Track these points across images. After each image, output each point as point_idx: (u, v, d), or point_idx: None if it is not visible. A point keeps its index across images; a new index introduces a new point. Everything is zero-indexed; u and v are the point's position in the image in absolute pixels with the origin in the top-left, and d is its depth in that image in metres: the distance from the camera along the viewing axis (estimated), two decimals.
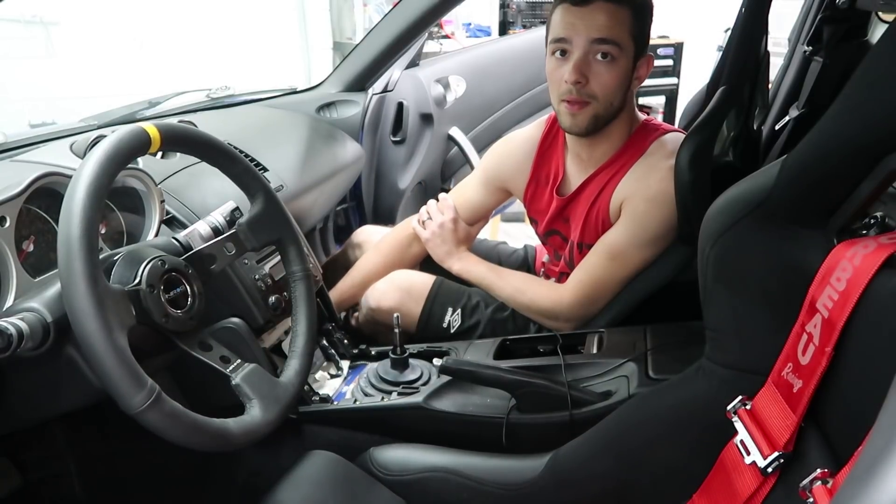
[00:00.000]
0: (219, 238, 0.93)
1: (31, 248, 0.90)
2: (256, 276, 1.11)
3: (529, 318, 1.34)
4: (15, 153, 1.13)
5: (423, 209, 1.50)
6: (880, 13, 1.70)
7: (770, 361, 0.71)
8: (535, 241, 1.69)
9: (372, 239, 1.63)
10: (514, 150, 1.40)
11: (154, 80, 2.42)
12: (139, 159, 0.99)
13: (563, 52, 1.17)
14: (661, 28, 3.83)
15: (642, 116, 1.29)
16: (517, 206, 2.95)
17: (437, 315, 1.36)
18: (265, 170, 1.38)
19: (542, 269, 1.54)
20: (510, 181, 1.42)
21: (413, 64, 2.02)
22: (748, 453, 0.69)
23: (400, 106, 1.97)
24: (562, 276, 1.40)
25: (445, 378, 1.12)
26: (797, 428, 0.65)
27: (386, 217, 2.02)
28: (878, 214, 0.67)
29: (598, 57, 1.14)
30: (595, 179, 1.27)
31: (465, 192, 1.50)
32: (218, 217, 1.03)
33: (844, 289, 0.61)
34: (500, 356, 1.20)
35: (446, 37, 3.76)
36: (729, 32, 1.42)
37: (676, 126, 1.39)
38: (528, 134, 1.40)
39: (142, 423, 0.70)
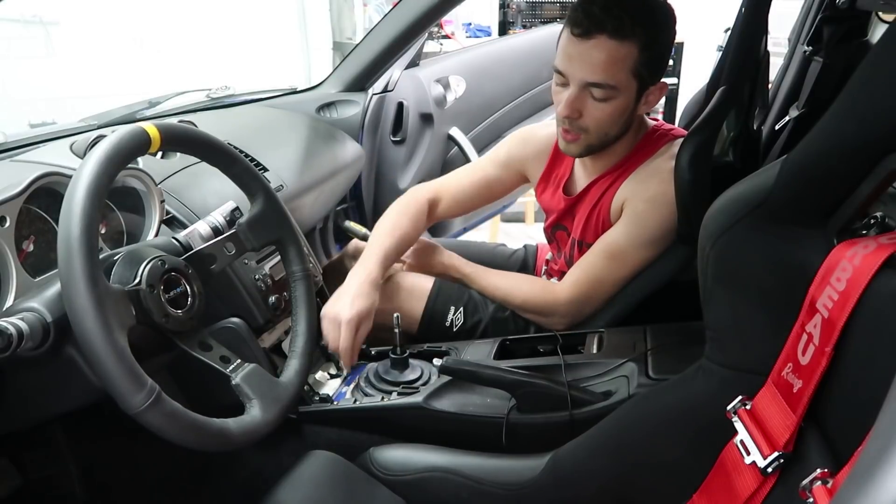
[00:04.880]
0: (219, 238, 0.93)
1: (31, 248, 0.90)
2: (256, 276, 1.11)
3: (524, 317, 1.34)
4: (15, 153, 1.13)
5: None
6: (880, 13, 1.70)
7: (770, 361, 0.71)
8: (534, 241, 1.69)
9: None
10: (538, 141, 1.39)
11: (154, 80, 2.42)
12: (139, 159, 0.99)
13: (561, 83, 1.16)
14: None
15: (651, 122, 1.29)
16: (517, 206, 2.93)
17: (440, 314, 1.36)
18: (265, 170, 1.38)
19: (545, 268, 1.54)
20: (530, 168, 1.42)
21: (413, 64, 2.03)
22: (748, 453, 0.69)
23: (400, 106, 1.97)
24: (563, 275, 1.40)
25: (445, 378, 1.12)
26: (797, 428, 0.65)
27: None
28: (878, 214, 0.67)
29: (594, 94, 1.13)
30: (599, 182, 1.27)
31: (475, 172, 1.44)
32: (218, 217, 1.03)
33: (844, 289, 0.61)
34: (500, 356, 1.20)
35: (446, 37, 3.76)
36: (729, 32, 1.42)
37: (676, 126, 1.39)
38: (548, 131, 1.39)
39: (142, 423, 0.70)
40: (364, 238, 1.61)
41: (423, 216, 1.39)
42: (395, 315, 1.15)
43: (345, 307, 1.15)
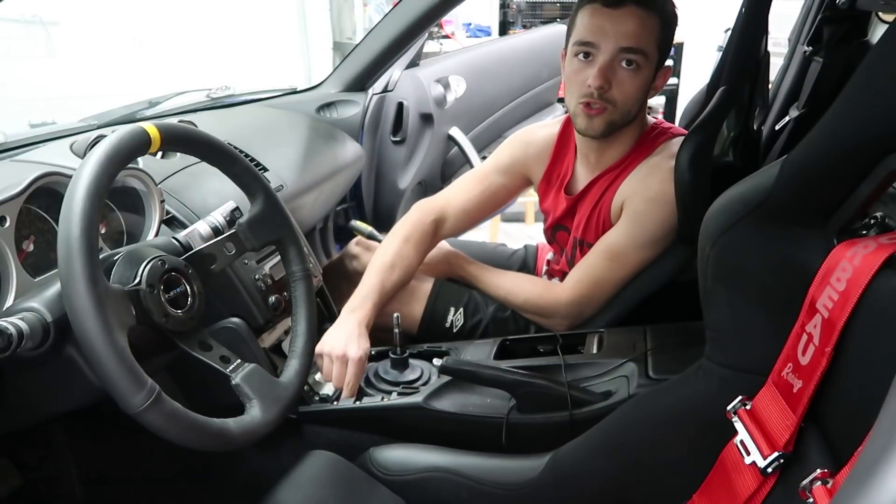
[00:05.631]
0: (219, 238, 0.93)
1: (31, 247, 0.90)
2: (256, 276, 1.11)
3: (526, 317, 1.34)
4: (15, 153, 1.13)
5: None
6: (880, 13, 1.70)
7: (770, 361, 0.71)
8: (534, 241, 1.69)
9: (370, 249, 1.57)
10: (539, 142, 1.38)
11: (154, 80, 2.42)
12: (139, 159, 0.99)
13: (587, 55, 1.16)
14: None
15: (651, 120, 1.29)
16: (517, 206, 2.92)
17: (440, 315, 1.36)
18: (265, 170, 1.38)
19: (546, 268, 1.54)
20: (532, 170, 1.41)
21: (413, 64, 2.03)
22: (748, 453, 0.69)
23: (400, 106, 1.97)
24: (564, 276, 1.40)
25: (445, 378, 1.12)
26: (797, 428, 0.65)
27: (386, 217, 2.02)
28: (878, 214, 0.67)
29: (624, 64, 1.14)
30: (600, 180, 1.27)
31: (480, 183, 1.42)
32: (218, 217, 1.03)
33: (844, 289, 0.61)
34: (500, 356, 1.20)
35: (446, 37, 3.76)
36: (729, 32, 1.42)
37: (676, 125, 1.39)
38: (548, 131, 1.39)
39: (142, 423, 0.70)
40: (370, 237, 1.61)
41: (427, 239, 1.37)
42: (395, 315, 1.15)
43: (352, 346, 1.13)
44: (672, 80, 3.95)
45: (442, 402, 1.09)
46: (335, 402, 1.12)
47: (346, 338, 1.15)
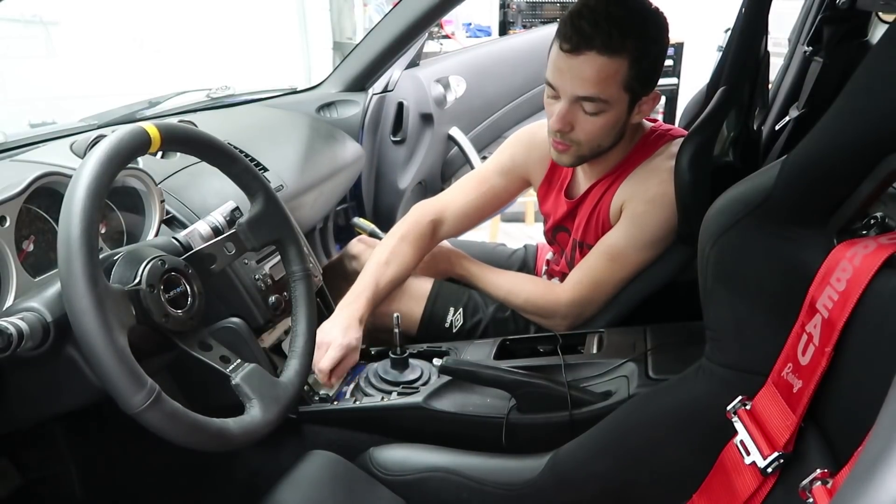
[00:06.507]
0: (219, 238, 0.93)
1: (31, 247, 0.90)
2: (256, 276, 1.11)
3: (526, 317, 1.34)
4: (15, 153, 1.13)
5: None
6: (880, 13, 1.70)
7: (770, 362, 0.71)
8: (534, 241, 1.69)
9: (371, 248, 1.56)
10: (539, 145, 1.37)
11: (154, 80, 2.42)
12: (139, 159, 0.99)
13: (554, 93, 1.15)
14: None
15: (649, 124, 1.28)
16: (517, 206, 2.92)
17: (439, 315, 1.36)
18: (265, 170, 1.38)
19: (545, 268, 1.54)
20: (533, 173, 1.40)
21: (413, 64, 2.03)
22: (748, 453, 0.69)
23: (400, 106, 1.97)
24: (564, 277, 1.40)
25: (445, 378, 1.12)
26: (797, 428, 0.65)
27: (386, 217, 2.02)
28: (878, 214, 0.67)
29: (585, 108, 1.12)
30: (600, 183, 1.27)
31: (481, 185, 1.42)
32: (218, 217, 1.03)
33: (844, 289, 0.61)
34: (500, 356, 1.20)
35: (446, 37, 3.76)
36: (729, 32, 1.42)
37: (676, 126, 1.39)
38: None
39: (142, 423, 0.70)
40: (372, 234, 1.61)
41: (425, 239, 1.38)
42: (394, 315, 1.16)
43: (338, 334, 1.18)
44: (672, 80, 3.95)
45: (442, 402, 1.09)
46: (335, 402, 1.13)
47: (338, 328, 1.18)
